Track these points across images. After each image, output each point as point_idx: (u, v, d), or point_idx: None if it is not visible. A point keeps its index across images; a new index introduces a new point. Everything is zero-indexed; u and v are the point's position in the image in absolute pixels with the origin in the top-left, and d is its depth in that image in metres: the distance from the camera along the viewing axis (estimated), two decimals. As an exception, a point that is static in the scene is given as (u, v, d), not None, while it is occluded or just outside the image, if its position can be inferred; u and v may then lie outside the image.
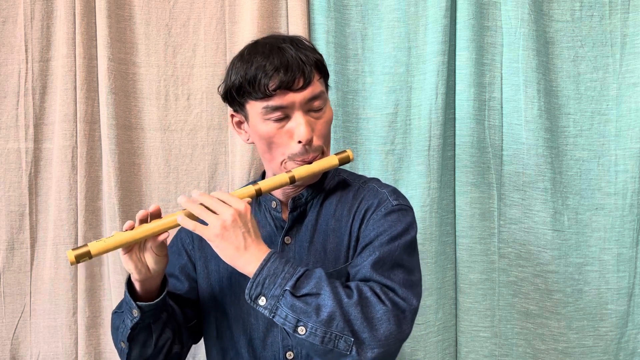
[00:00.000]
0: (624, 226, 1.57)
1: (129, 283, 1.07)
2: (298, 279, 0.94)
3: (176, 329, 1.14)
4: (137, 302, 1.04)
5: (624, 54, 1.56)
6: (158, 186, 1.52)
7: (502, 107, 1.57)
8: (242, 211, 0.96)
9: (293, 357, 1.08)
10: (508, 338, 1.59)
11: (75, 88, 1.47)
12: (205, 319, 1.19)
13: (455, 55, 1.55)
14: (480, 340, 1.58)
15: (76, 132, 1.48)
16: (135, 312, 1.04)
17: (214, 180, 1.55)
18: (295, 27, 1.49)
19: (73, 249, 0.96)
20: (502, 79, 1.56)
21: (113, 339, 1.15)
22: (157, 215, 1.02)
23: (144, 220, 1.01)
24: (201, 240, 1.18)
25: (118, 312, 1.12)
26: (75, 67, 1.47)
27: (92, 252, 0.96)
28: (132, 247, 1.01)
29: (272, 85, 1.01)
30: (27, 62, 1.49)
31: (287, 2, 1.51)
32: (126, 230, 0.99)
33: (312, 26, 1.52)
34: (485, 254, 1.57)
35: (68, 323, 1.51)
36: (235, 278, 1.13)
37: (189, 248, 1.20)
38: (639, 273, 1.59)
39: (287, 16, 1.52)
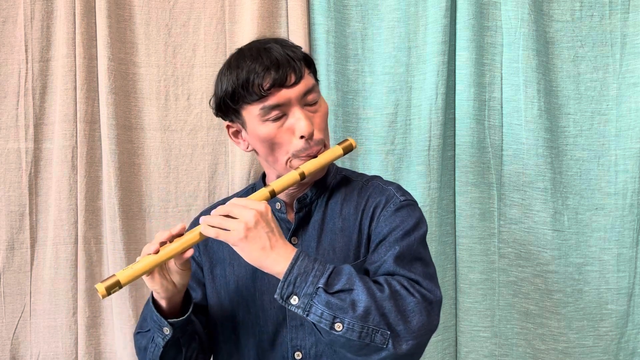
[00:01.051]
0: (624, 226, 1.57)
1: (154, 302, 1.06)
2: (329, 276, 0.94)
3: (199, 338, 1.14)
4: (168, 320, 1.04)
5: (624, 54, 1.56)
6: (158, 186, 1.52)
7: (502, 107, 1.57)
8: (263, 211, 0.96)
9: (302, 357, 1.08)
10: (508, 338, 1.59)
11: (75, 88, 1.47)
12: (211, 323, 1.19)
13: (455, 55, 1.55)
14: (480, 340, 1.58)
15: (76, 132, 1.48)
16: (167, 330, 1.04)
17: (214, 180, 1.55)
18: (295, 27, 1.49)
19: (102, 281, 0.95)
20: (502, 79, 1.56)
21: (140, 359, 1.14)
22: (180, 235, 1.01)
23: (165, 241, 1.00)
24: (206, 245, 1.18)
25: (142, 332, 1.12)
26: (75, 67, 1.47)
27: (122, 281, 0.96)
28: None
29: (265, 84, 1.01)
30: (27, 62, 1.49)
31: (287, 2, 1.51)
32: (152, 253, 0.98)
33: (312, 26, 1.52)
34: (485, 254, 1.57)
35: (68, 323, 1.51)
36: (242, 282, 1.13)
37: (195, 254, 1.20)
38: (639, 273, 1.59)
39: (287, 16, 1.52)
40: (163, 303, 1.05)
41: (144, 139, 1.52)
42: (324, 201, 1.13)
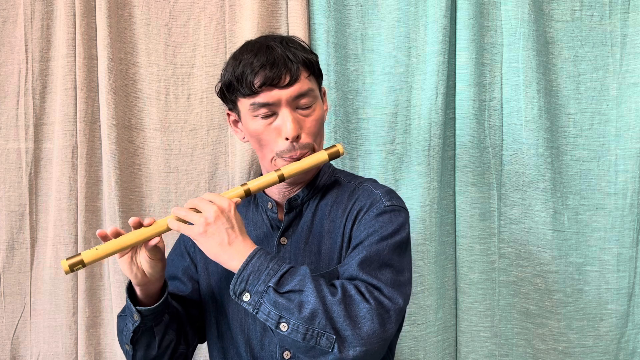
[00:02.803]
0: (624, 226, 1.57)
1: (130, 288, 1.07)
2: (282, 276, 0.94)
3: (180, 330, 1.14)
4: (137, 307, 1.05)
5: (624, 54, 1.56)
6: (158, 186, 1.52)
7: (502, 107, 1.57)
8: (225, 208, 0.97)
9: (290, 357, 1.08)
10: (508, 338, 1.59)
11: (75, 88, 1.47)
12: (207, 319, 1.19)
13: (455, 55, 1.55)
14: (480, 340, 1.58)
15: (76, 132, 1.48)
16: (136, 316, 1.05)
17: (214, 180, 1.55)
18: (295, 27, 1.49)
19: (67, 259, 0.98)
20: (502, 79, 1.56)
21: (119, 340, 1.16)
22: (148, 225, 1.03)
23: (136, 227, 1.01)
24: None
25: (122, 315, 1.14)
26: (75, 67, 1.47)
27: (85, 260, 0.98)
28: (126, 252, 1.02)
29: (257, 81, 1.02)
30: (27, 62, 1.49)
31: (287, 2, 1.51)
32: (112, 234, 1.00)
33: (312, 26, 1.52)
34: (485, 254, 1.57)
35: (68, 323, 1.51)
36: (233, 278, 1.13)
37: (190, 250, 1.21)
38: (639, 273, 1.59)
39: (287, 16, 1.52)
40: (137, 290, 1.06)
41: (144, 139, 1.52)
42: (315, 203, 1.13)
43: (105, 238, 1.01)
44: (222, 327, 1.16)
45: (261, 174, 1.20)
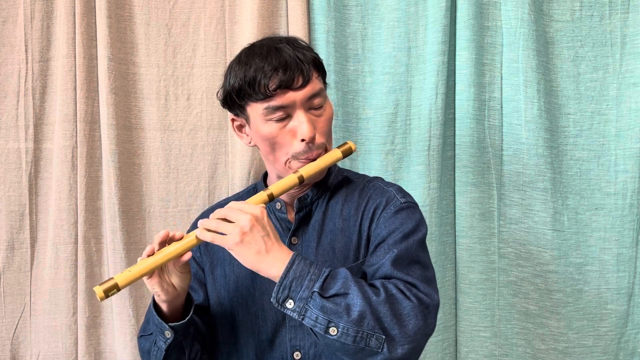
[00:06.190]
0: (624, 226, 1.57)
1: (155, 306, 1.07)
2: (325, 280, 0.94)
3: (202, 339, 1.14)
4: (169, 324, 1.04)
5: (624, 54, 1.56)
6: (158, 186, 1.52)
7: (502, 107, 1.57)
8: (258, 215, 0.96)
9: (301, 357, 1.08)
10: (508, 338, 1.59)
11: (75, 88, 1.47)
12: (211, 323, 1.19)
13: (455, 55, 1.55)
14: (480, 340, 1.58)
15: (76, 132, 1.48)
16: (168, 334, 1.05)
17: (214, 180, 1.55)
18: (295, 27, 1.49)
19: (100, 284, 0.96)
20: (502, 79, 1.56)
21: None
22: (179, 239, 1.01)
23: (163, 242, 1.00)
24: (207, 245, 1.18)
25: (145, 336, 1.12)
26: (75, 67, 1.47)
27: (120, 284, 0.96)
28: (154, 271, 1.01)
29: (272, 85, 1.01)
30: (27, 62, 1.49)
31: (287, 2, 1.51)
32: (148, 255, 0.99)
33: (312, 26, 1.52)
34: (485, 254, 1.57)
35: (68, 323, 1.51)
36: (242, 282, 1.13)
37: (196, 255, 1.20)
38: (639, 273, 1.59)
39: (287, 16, 1.52)
40: (164, 307, 1.05)
41: (144, 139, 1.52)
42: (324, 201, 1.13)
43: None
44: (226, 330, 1.16)
45: (264, 175, 1.20)
